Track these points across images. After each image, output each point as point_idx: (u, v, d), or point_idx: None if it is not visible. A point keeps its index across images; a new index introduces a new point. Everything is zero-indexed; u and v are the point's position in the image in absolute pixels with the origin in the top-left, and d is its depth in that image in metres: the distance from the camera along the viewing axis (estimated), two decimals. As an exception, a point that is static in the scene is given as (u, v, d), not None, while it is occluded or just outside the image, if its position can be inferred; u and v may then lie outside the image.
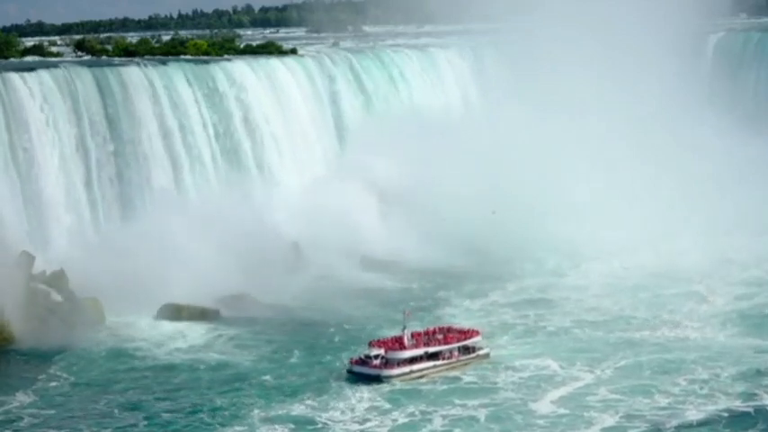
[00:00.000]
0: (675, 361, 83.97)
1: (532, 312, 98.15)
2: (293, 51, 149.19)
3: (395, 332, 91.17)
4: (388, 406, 76.33)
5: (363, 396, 77.85)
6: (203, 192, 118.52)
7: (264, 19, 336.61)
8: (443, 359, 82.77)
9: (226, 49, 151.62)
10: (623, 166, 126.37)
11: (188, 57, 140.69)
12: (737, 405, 75.18)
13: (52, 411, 77.31)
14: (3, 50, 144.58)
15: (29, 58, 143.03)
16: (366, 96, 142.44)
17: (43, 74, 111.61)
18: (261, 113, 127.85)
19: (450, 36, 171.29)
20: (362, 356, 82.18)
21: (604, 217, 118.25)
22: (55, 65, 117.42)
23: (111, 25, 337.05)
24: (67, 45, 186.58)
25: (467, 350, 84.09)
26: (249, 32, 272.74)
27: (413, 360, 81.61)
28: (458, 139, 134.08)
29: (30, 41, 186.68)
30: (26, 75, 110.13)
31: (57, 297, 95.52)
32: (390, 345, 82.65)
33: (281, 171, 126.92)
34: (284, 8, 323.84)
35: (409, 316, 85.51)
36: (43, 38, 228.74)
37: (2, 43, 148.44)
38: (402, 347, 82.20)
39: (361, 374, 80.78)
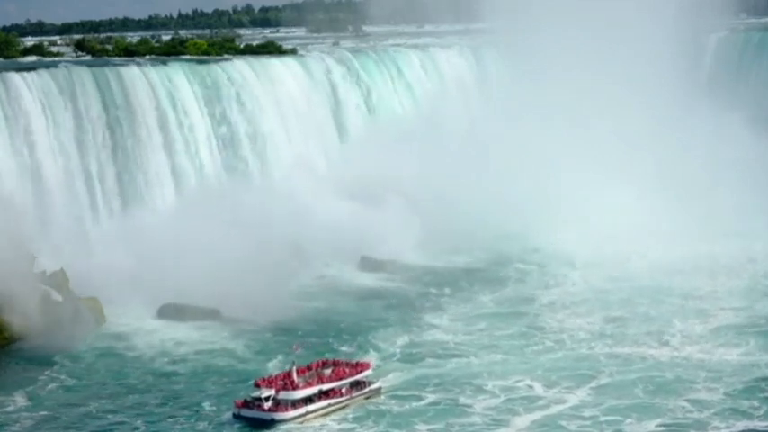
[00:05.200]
0: (674, 379, 79.06)
1: (518, 326, 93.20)
2: (293, 51, 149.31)
3: (393, 333, 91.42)
4: (353, 425, 73.68)
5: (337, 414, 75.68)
6: (203, 191, 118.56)
7: (264, 19, 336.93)
8: (336, 396, 76.05)
9: (226, 48, 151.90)
10: (622, 166, 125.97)
11: (188, 57, 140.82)
12: (761, 425, 70.54)
13: (50, 413, 77.08)
14: (3, 50, 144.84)
15: (29, 58, 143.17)
16: (366, 96, 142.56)
17: (43, 74, 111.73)
18: (261, 113, 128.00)
19: (450, 36, 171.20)
20: (249, 398, 74.40)
21: (603, 221, 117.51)
22: (55, 65, 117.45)
23: (111, 25, 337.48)
24: (67, 45, 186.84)
25: (358, 385, 77.29)
26: (249, 32, 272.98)
27: (307, 400, 74.76)
28: (458, 139, 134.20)
29: (30, 41, 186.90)
30: (26, 74, 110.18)
31: (57, 297, 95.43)
32: (280, 384, 75.05)
33: (281, 170, 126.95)
34: (284, 8, 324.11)
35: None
36: (43, 38, 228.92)
37: (2, 43, 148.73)
38: (293, 386, 74.96)
39: (251, 419, 73.42)
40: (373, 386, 77.78)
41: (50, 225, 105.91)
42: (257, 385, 75.14)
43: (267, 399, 73.74)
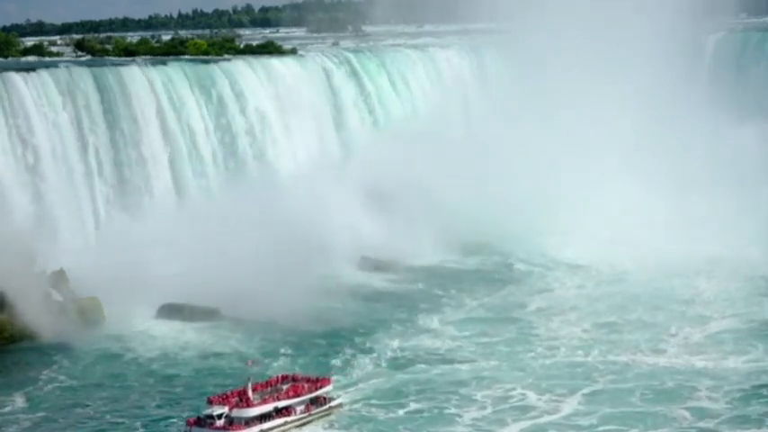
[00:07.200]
0: (675, 386, 77.19)
1: (511, 331, 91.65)
2: (293, 51, 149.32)
3: (386, 336, 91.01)
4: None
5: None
6: (203, 191, 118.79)
7: (264, 19, 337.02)
8: (294, 413, 73.40)
9: (226, 48, 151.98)
10: (622, 166, 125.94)
11: (188, 57, 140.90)
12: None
13: (48, 414, 76.87)
14: (3, 50, 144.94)
15: (29, 58, 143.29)
16: (366, 96, 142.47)
17: (43, 74, 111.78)
18: (261, 113, 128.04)
19: (449, 36, 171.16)
20: (202, 416, 71.15)
21: (602, 222, 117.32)
22: (55, 65, 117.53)
23: (111, 25, 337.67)
24: (67, 45, 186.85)
25: (317, 401, 74.86)
26: (249, 32, 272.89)
27: (263, 418, 71.93)
28: (457, 139, 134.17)
29: (30, 41, 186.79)
30: (26, 74, 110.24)
31: (57, 296, 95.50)
32: (234, 401, 72.32)
33: (280, 170, 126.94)
34: (284, 8, 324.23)
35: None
36: (43, 38, 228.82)
37: (2, 43, 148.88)
38: (248, 403, 71.98)
39: None
40: (333, 402, 75.46)
41: (50, 225, 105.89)
42: (210, 402, 72.34)
43: (220, 416, 70.64)
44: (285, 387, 74.88)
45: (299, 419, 73.65)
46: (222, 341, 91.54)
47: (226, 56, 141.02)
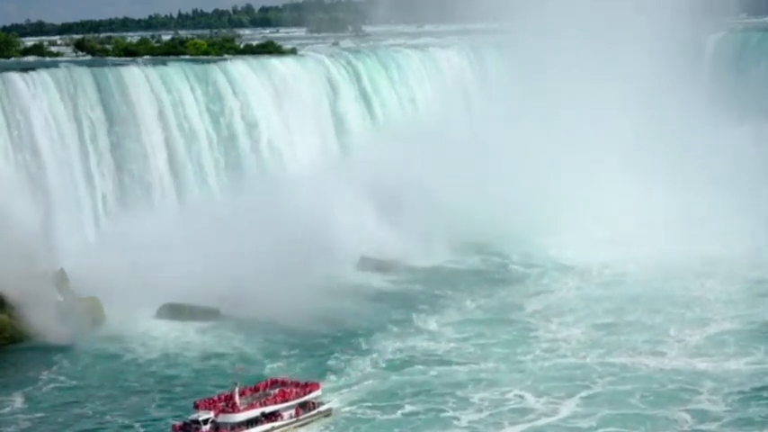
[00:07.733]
0: (675, 388, 76.68)
1: (510, 332, 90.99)
2: (293, 51, 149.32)
3: (384, 337, 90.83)
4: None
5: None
6: (203, 191, 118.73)
7: (264, 19, 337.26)
8: (282, 419, 72.99)
9: (226, 48, 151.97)
10: (622, 167, 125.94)
11: (188, 57, 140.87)
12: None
13: (47, 414, 76.87)
14: (3, 50, 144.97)
15: (29, 58, 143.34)
16: (366, 96, 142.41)
17: (43, 74, 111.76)
18: (260, 113, 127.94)
19: (449, 36, 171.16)
20: (187, 421, 70.72)
21: (602, 223, 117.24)
22: (55, 65, 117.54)
23: (111, 25, 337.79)
24: (67, 45, 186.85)
25: (306, 406, 74.21)
26: (249, 32, 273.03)
27: (249, 423, 71.28)
28: (457, 139, 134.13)
29: (30, 41, 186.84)
30: (26, 74, 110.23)
31: (57, 297, 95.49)
32: (221, 406, 71.69)
33: (280, 170, 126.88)
34: (284, 8, 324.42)
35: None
36: (43, 38, 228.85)
37: (2, 43, 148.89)
38: (235, 409, 71.49)
39: None
40: (323, 408, 74.83)
41: (50, 225, 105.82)
42: (196, 406, 71.77)
43: (206, 422, 70.23)
44: (273, 392, 74.36)
45: (286, 424, 73.20)
46: (222, 341, 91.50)
47: (226, 56, 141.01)
